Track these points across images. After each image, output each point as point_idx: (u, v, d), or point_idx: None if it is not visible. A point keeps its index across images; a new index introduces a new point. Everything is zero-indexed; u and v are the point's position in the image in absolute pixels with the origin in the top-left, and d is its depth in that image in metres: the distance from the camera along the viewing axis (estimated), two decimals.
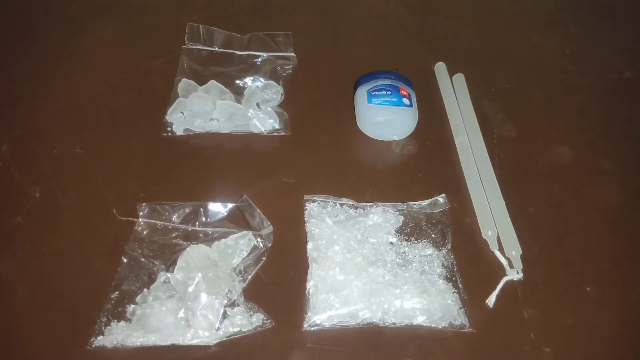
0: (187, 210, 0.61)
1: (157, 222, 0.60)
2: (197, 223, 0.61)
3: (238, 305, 0.54)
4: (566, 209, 0.65)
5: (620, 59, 0.86)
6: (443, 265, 0.58)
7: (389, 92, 0.70)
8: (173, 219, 0.61)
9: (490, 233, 0.61)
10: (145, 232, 0.60)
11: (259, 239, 0.59)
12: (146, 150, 0.69)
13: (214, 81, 0.74)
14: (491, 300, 0.56)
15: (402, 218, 0.62)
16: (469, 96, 0.76)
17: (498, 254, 0.60)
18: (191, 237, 0.60)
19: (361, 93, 0.72)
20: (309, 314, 0.54)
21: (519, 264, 0.59)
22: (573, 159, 0.71)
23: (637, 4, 0.97)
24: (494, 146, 0.71)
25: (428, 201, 0.64)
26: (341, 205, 0.63)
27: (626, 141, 0.74)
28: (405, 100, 0.70)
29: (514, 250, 0.60)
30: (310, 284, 0.56)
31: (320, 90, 0.78)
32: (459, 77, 0.79)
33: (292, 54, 0.81)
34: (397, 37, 0.88)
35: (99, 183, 0.65)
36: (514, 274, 0.58)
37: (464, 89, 0.77)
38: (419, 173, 0.68)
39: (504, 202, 0.64)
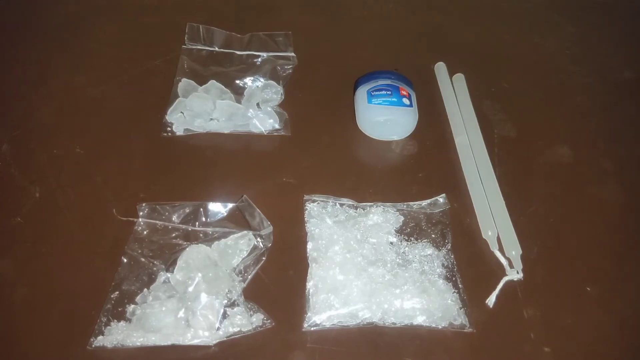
0: (187, 210, 0.61)
1: (157, 222, 0.60)
2: (197, 223, 0.61)
3: (238, 305, 0.54)
4: (566, 209, 0.65)
5: (620, 59, 0.86)
6: (443, 265, 0.58)
7: (389, 92, 0.70)
8: (173, 219, 0.61)
9: (490, 233, 0.61)
10: (145, 232, 0.60)
11: (259, 239, 0.59)
12: (146, 150, 0.69)
13: (214, 81, 0.74)
14: (491, 300, 0.56)
15: (402, 218, 0.62)
16: (469, 96, 0.76)
17: (498, 254, 0.60)
18: (191, 237, 0.60)
19: (361, 93, 0.72)
20: (309, 314, 0.54)
21: (519, 264, 0.59)
22: (573, 159, 0.71)
23: (637, 4, 0.97)
24: (494, 146, 0.71)
25: (428, 201, 0.64)
26: (341, 205, 0.63)
27: (626, 141, 0.74)
28: (405, 100, 0.70)
29: (514, 250, 0.60)
30: (310, 284, 0.56)
31: (320, 90, 0.78)
32: (459, 77, 0.79)
33: (292, 54, 0.81)
34: (397, 37, 0.88)
35: (99, 183, 0.65)
36: (514, 274, 0.58)
37: (464, 89, 0.77)
38: (419, 173, 0.68)
39: (504, 202, 0.64)
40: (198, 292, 0.53)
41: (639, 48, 0.89)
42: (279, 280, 0.57)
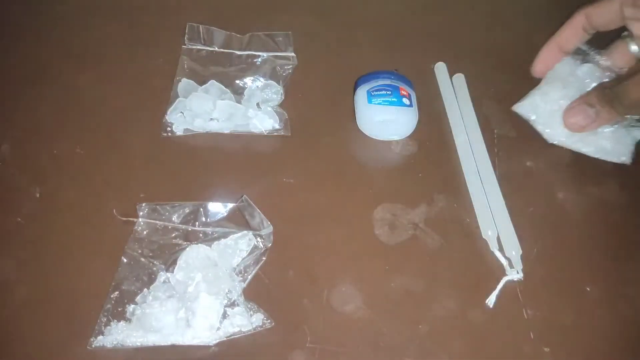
0: (187, 210, 0.61)
1: (157, 222, 0.60)
2: (197, 223, 0.61)
3: (238, 305, 0.54)
4: (566, 209, 0.65)
5: None
6: None
7: (389, 92, 0.70)
8: (173, 219, 0.61)
9: (490, 233, 0.61)
10: (145, 232, 0.60)
11: (259, 239, 0.59)
12: (146, 150, 0.69)
13: (214, 81, 0.74)
14: (491, 300, 0.56)
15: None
16: (469, 96, 0.76)
17: (498, 254, 0.60)
18: (191, 237, 0.60)
19: (361, 93, 0.72)
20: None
21: (519, 264, 0.59)
22: (573, 159, 0.71)
23: None
24: (494, 146, 0.71)
25: None
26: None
27: None
28: (405, 100, 0.70)
29: (514, 250, 0.60)
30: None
31: (320, 90, 0.78)
32: (459, 77, 0.79)
33: (292, 54, 0.81)
34: (397, 37, 0.88)
35: (99, 183, 0.65)
36: (514, 274, 0.58)
37: (464, 89, 0.77)
38: (419, 173, 0.68)
39: (504, 202, 0.64)
40: (198, 292, 0.53)
41: None
42: (279, 280, 0.57)
